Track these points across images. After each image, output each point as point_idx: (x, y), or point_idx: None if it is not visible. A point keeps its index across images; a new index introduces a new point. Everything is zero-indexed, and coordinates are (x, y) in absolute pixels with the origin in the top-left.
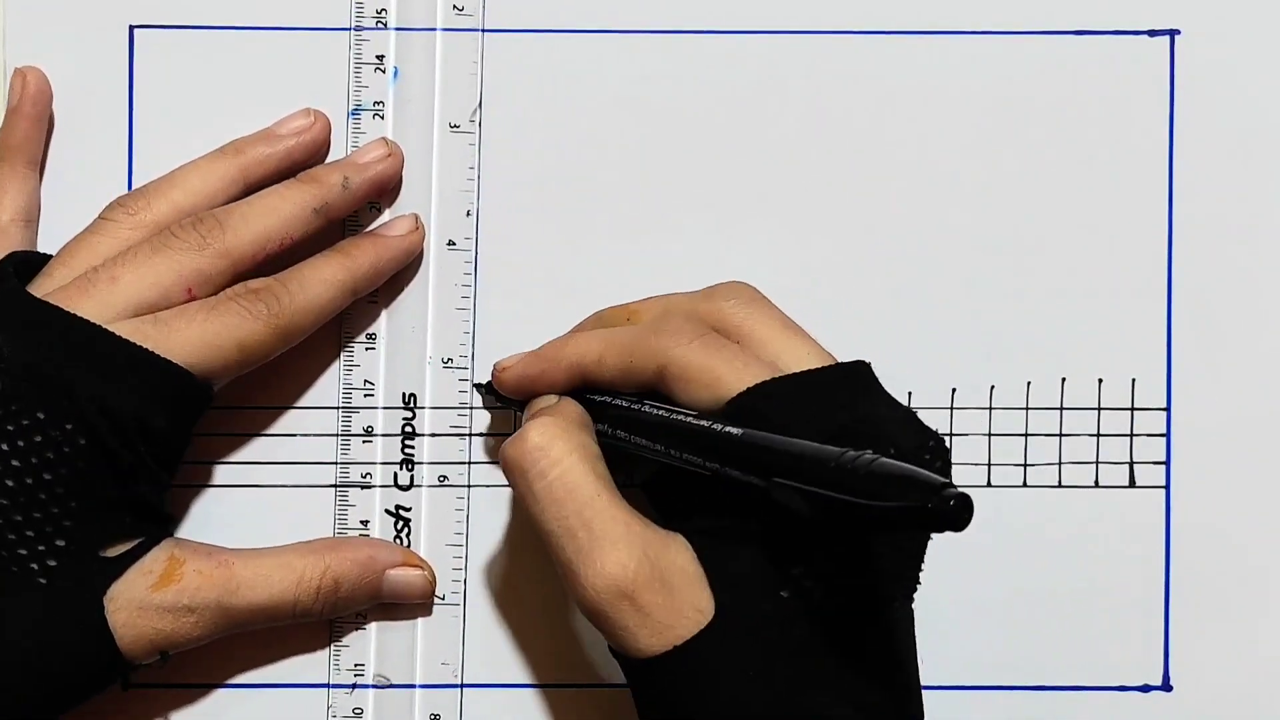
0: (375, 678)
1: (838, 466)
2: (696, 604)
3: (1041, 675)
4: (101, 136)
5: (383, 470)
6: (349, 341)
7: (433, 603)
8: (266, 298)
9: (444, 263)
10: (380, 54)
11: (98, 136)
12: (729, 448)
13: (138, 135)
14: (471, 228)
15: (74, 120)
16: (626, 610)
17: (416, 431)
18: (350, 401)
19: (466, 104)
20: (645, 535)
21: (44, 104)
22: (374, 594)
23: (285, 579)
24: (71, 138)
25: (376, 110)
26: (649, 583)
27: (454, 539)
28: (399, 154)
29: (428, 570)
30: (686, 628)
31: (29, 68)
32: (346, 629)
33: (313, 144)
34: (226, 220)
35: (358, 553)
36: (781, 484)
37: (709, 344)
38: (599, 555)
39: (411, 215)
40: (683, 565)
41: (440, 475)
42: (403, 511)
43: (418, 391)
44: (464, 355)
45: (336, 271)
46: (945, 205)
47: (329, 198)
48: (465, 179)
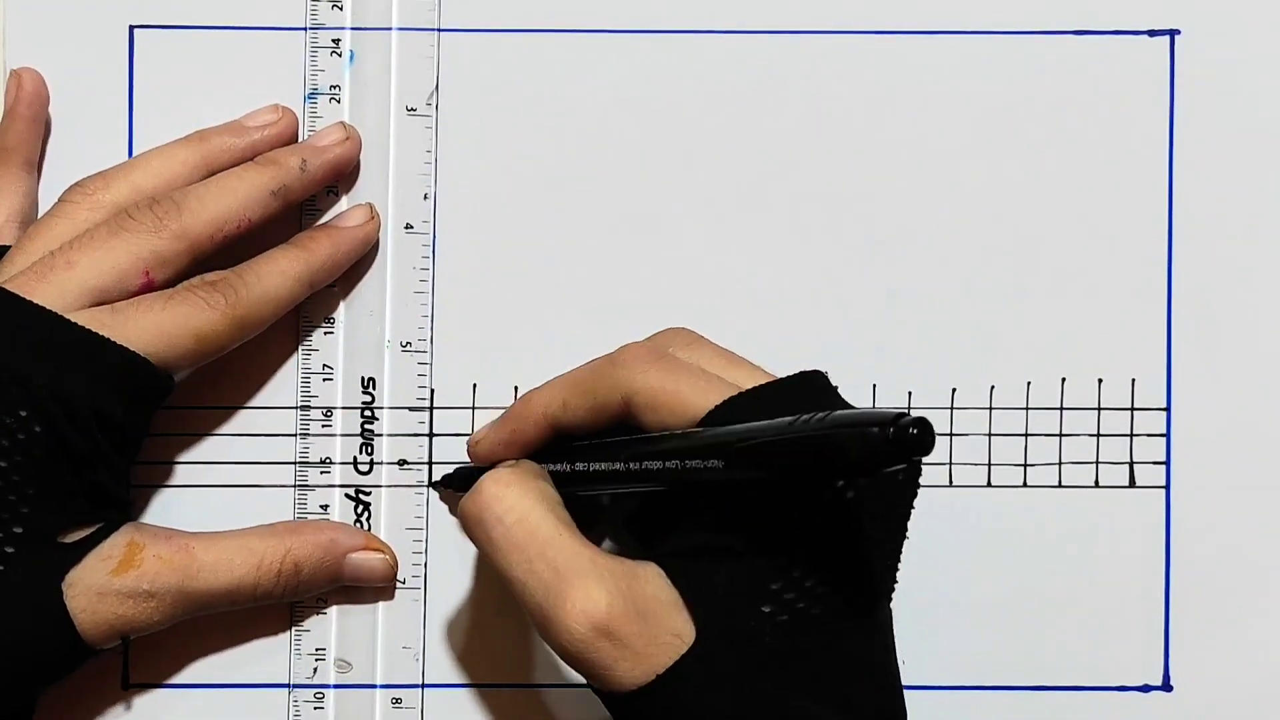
0: (336, 662)
1: (795, 426)
2: (674, 630)
3: (1041, 675)
4: (101, 136)
5: (342, 454)
6: (307, 326)
7: (394, 586)
8: (224, 289)
9: (402, 246)
10: (336, 38)
11: (98, 136)
12: (686, 444)
13: (138, 135)
14: (429, 211)
15: (74, 120)
16: (604, 647)
17: (376, 415)
18: (309, 386)
19: (423, 88)
20: (613, 568)
21: (40, 105)
22: (335, 577)
23: (246, 562)
24: (71, 138)
25: (333, 94)
26: (625, 615)
27: (414, 522)
28: (357, 137)
29: (389, 554)
30: (667, 655)
31: (25, 69)
32: (307, 613)
33: (277, 139)
34: (183, 201)
35: (319, 536)
36: (743, 450)
37: (669, 367)
38: (570, 594)
39: (367, 205)
40: (655, 593)
41: (400, 459)
42: (363, 495)
43: (376, 375)
44: (422, 339)
45: (293, 263)
46: (945, 205)
47: (287, 180)
48: (423, 162)
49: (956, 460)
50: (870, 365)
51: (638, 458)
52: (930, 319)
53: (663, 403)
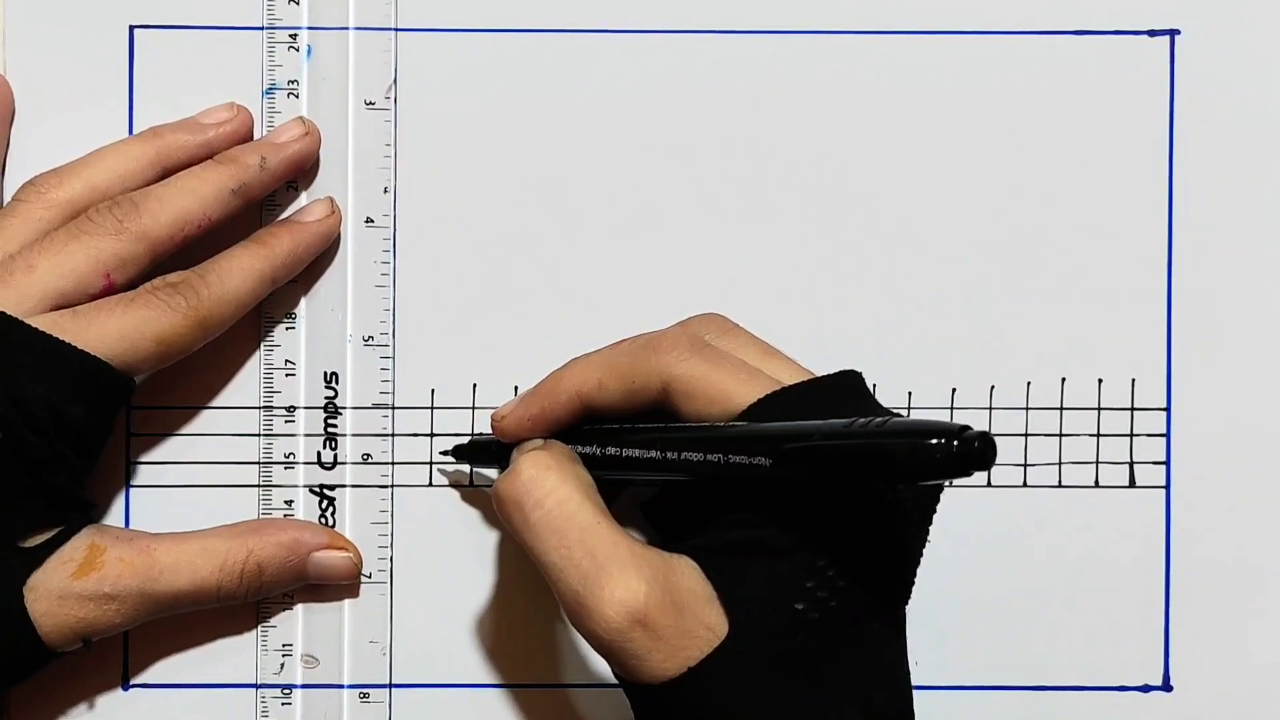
0: (303, 658)
1: (851, 430)
2: (708, 623)
3: (1041, 675)
4: (101, 136)
5: (306, 449)
6: (269, 321)
7: (359, 582)
8: (185, 290)
9: (362, 240)
10: (293, 32)
11: (98, 136)
12: (731, 437)
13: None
14: (389, 205)
15: (74, 120)
16: (639, 637)
17: (339, 410)
18: (271, 381)
19: (381, 81)
20: (650, 558)
21: (5, 109)
22: (299, 576)
23: (208, 564)
24: (72, 138)
25: (290, 89)
26: (661, 606)
27: (379, 516)
28: (316, 133)
29: (353, 552)
30: (699, 648)
31: None
32: (274, 609)
33: (232, 136)
34: (143, 203)
35: (282, 535)
36: (794, 450)
37: (710, 358)
38: (608, 582)
39: (327, 199)
40: (690, 585)
41: (364, 453)
42: (327, 490)
43: (339, 370)
44: (384, 332)
45: (254, 261)
46: (945, 205)
47: (246, 178)
48: (382, 156)
49: None
50: (870, 365)
51: (677, 447)
52: (930, 319)
53: (702, 392)
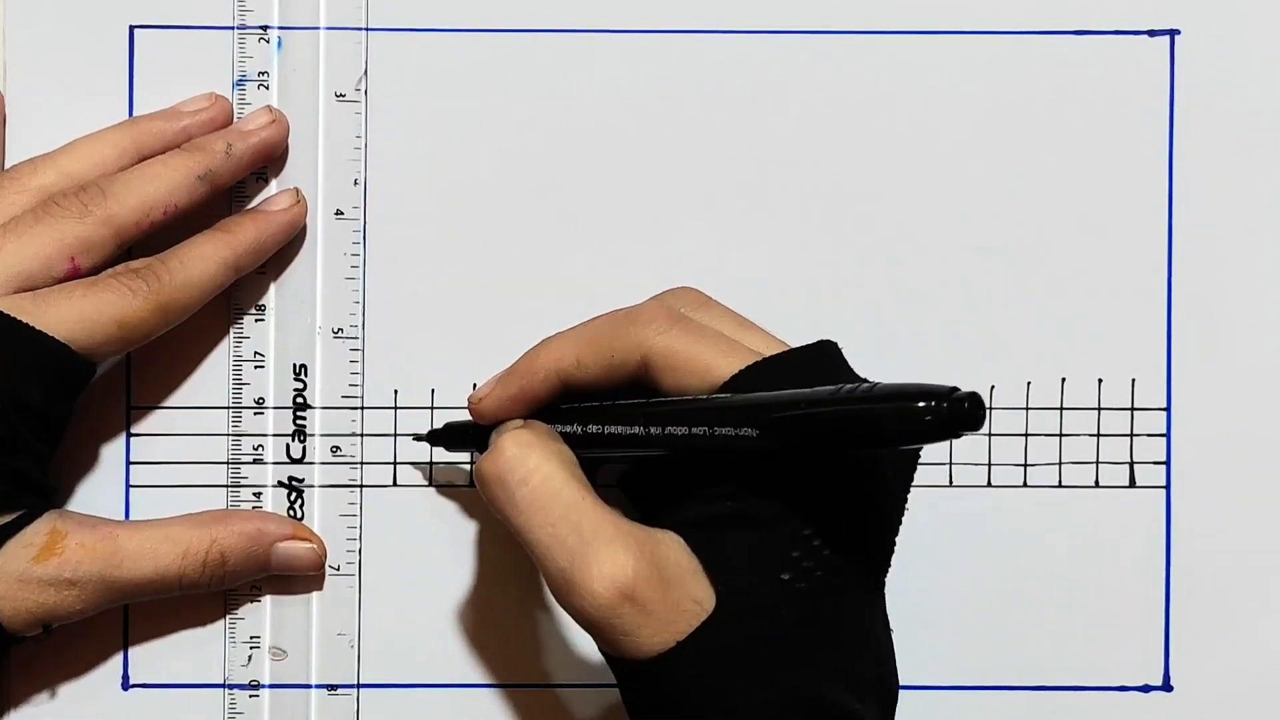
0: (271, 650)
1: (839, 396)
2: (695, 596)
3: (1041, 675)
4: None
5: (275, 442)
6: (238, 313)
7: (325, 574)
8: (147, 275)
9: (332, 232)
10: (264, 24)
11: None
12: (716, 409)
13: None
14: (359, 197)
15: (74, 120)
16: (628, 612)
17: (308, 402)
18: (240, 374)
19: (352, 73)
20: (636, 533)
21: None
22: (262, 567)
23: (170, 552)
24: (72, 137)
25: (261, 80)
26: (649, 581)
27: (348, 509)
28: (283, 121)
29: (317, 543)
30: (688, 621)
31: None
32: (241, 601)
33: (209, 124)
34: (109, 187)
35: (246, 525)
36: (782, 419)
37: (689, 330)
38: (595, 558)
39: (293, 189)
40: (677, 559)
41: (333, 446)
42: (295, 482)
43: (308, 362)
44: (354, 325)
45: (218, 248)
46: (945, 205)
47: (213, 164)
48: (352, 148)
49: (956, 460)
50: (870, 365)
51: (660, 421)
52: (930, 319)
53: (683, 365)
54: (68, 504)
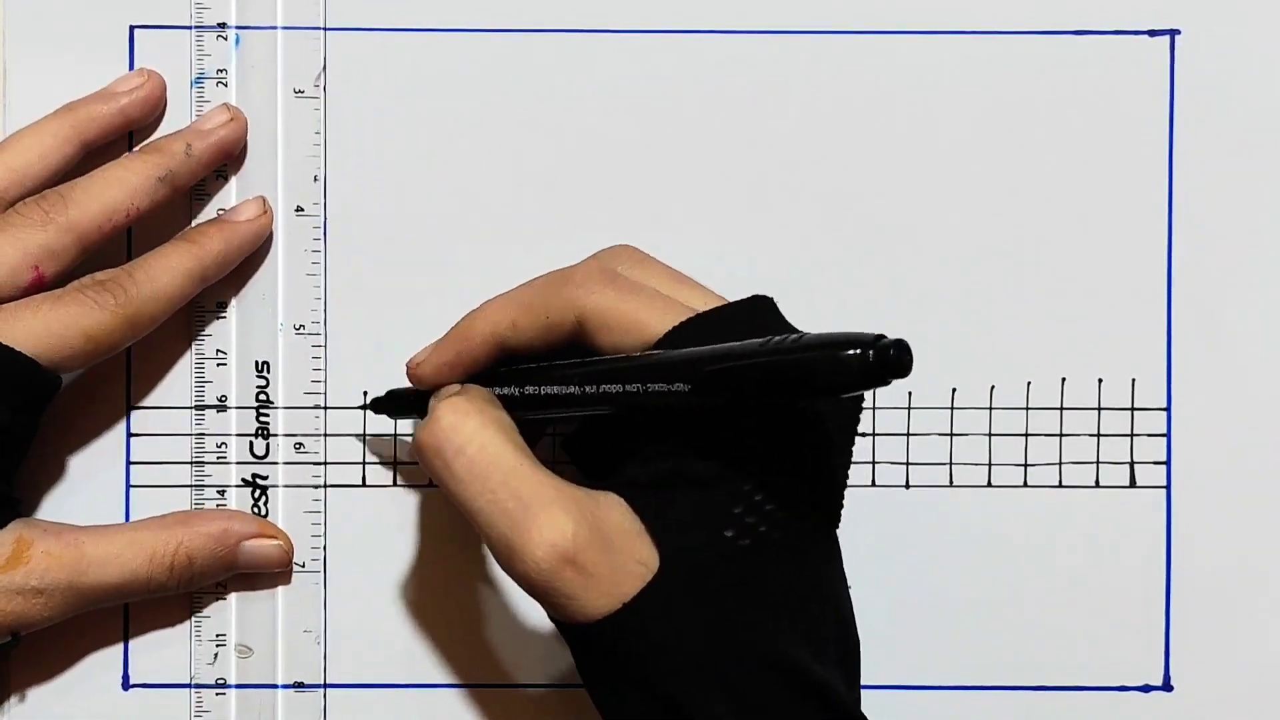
0: (237, 648)
1: (768, 348)
2: (639, 557)
3: (1041, 675)
4: None
5: (238, 439)
6: (200, 312)
7: (292, 571)
8: (113, 288)
9: (293, 229)
10: (222, 21)
11: None
12: (649, 365)
13: (137, 134)
14: (319, 193)
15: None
16: (570, 576)
17: (271, 399)
18: (203, 371)
19: (310, 69)
20: (577, 496)
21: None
22: (229, 566)
23: (137, 556)
24: None
25: (219, 78)
26: (590, 543)
27: (312, 505)
28: (242, 118)
29: (284, 540)
30: (632, 583)
31: None
32: (207, 599)
33: (146, 101)
34: (69, 194)
35: (211, 526)
36: (713, 372)
37: (624, 288)
38: (535, 523)
39: (259, 198)
40: (619, 520)
41: (296, 443)
42: (260, 480)
43: (270, 359)
44: (316, 321)
45: (185, 260)
46: (945, 205)
47: (172, 165)
48: (312, 144)
49: (956, 460)
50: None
51: (595, 380)
52: (930, 319)
53: (617, 323)
54: (67, 505)
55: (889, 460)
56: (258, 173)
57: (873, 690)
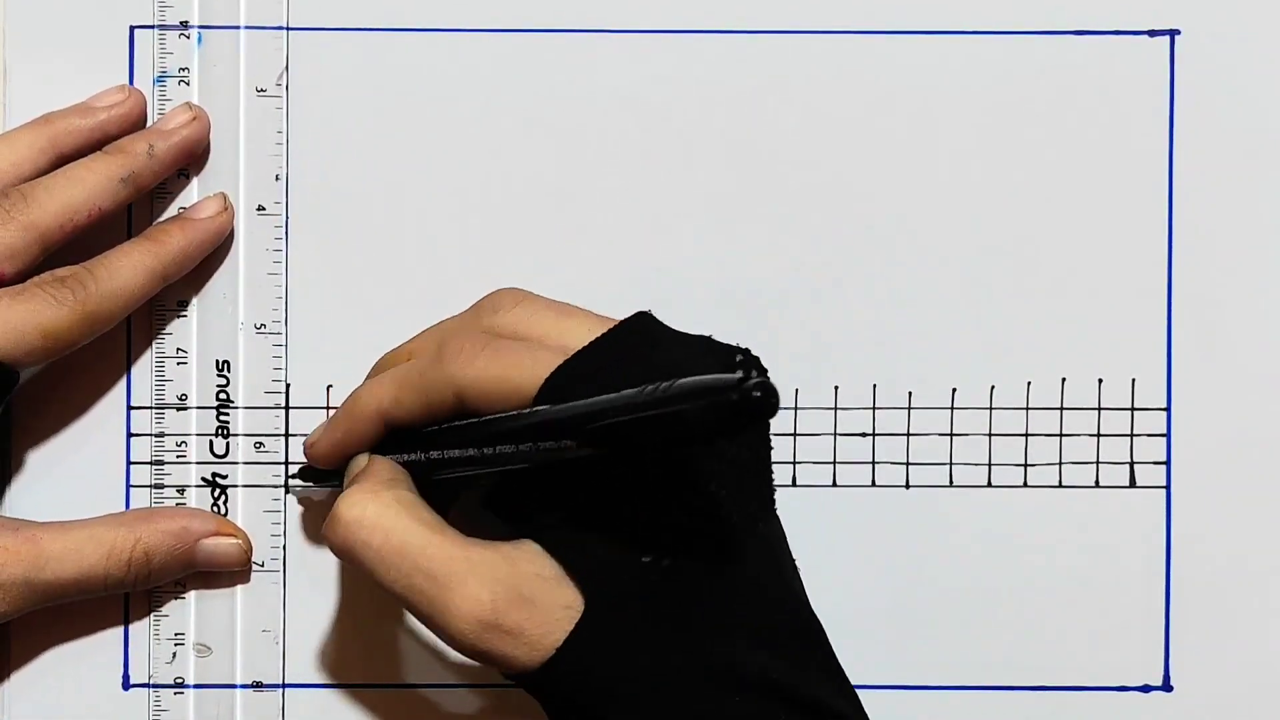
0: (195, 647)
1: (638, 401)
2: (563, 602)
3: (1041, 675)
4: None
5: (198, 438)
6: (160, 309)
7: (251, 570)
8: (72, 284)
9: (254, 228)
10: (184, 19)
11: None
12: (535, 425)
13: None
14: (281, 192)
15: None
16: (497, 638)
17: (231, 398)
18: (163, 370)
19: (272, 68)
20: (490, 560)
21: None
22: (188, 564)
23: (95, 553)
24: None
25: (181, 76)
26: (509, 604)
27: (272, 505)
28: (204, 118)
29: (242, 538)
30: (561, 629)
31: None
32: (165, 598)
33: (124, 118)
34: (30, 193)
35: (170, 523)
36: (596, 428)
37: (494, 352)
38: (451, 599)
39: (220, 195)
40: (537, 571)
41: (256, 442)
42: (219, 479)
43: (231, 358)
44: (277, 320)
45: (145, 257)
46: (945, 205)
47: (134, 166)
48: (274, 144)
49: (956, 460)
50: (870, 365)
51: (490, 441)
52: (930, 319)
53: (495, 390)
54: (68, 505)
55: (889, 460)
56: (220, 172)
57: (873, 690)
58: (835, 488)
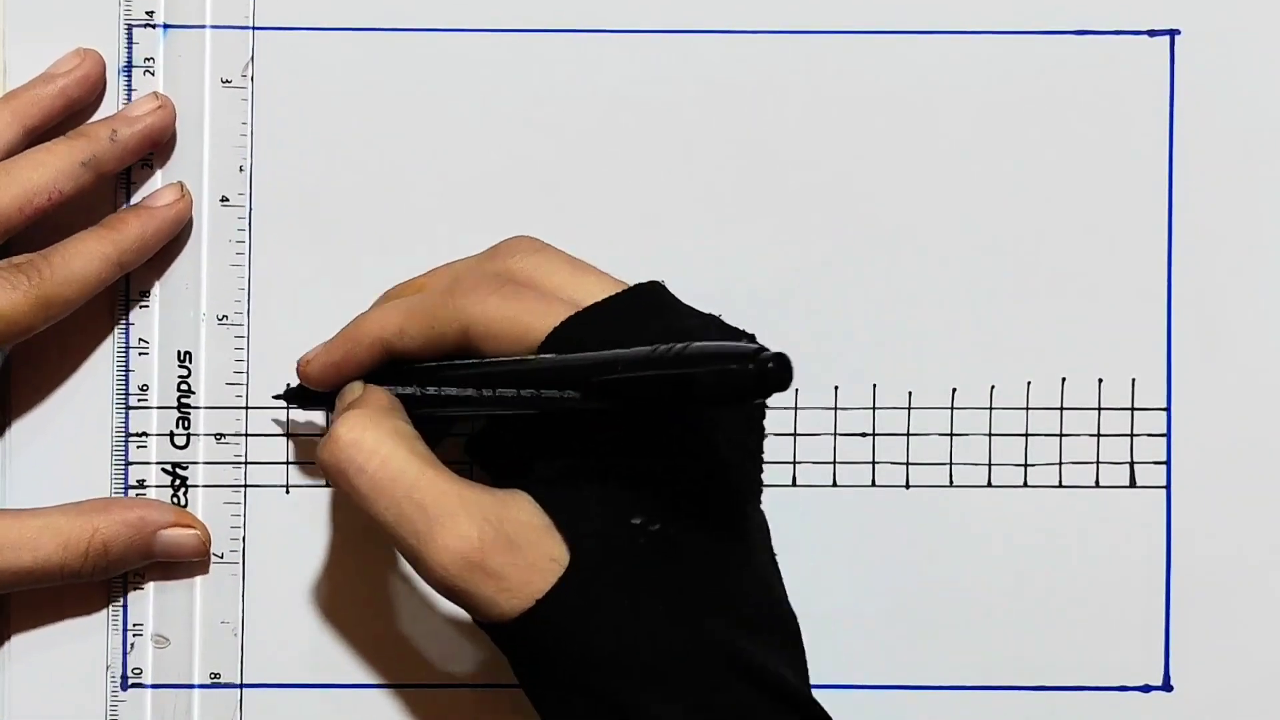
0: (154, 638)
1: (653, 358)
2: (549, 554)
3: (1041, 675)
4: None
5: (159, 429)
6: (123, 300)
7: (210, 561)
8: (28, 270)
9: (217, 219)
10: (150, 9)
11: None
12: (540, 370)
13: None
14: (245, 184)
15: (74, 120)
16: (480, 579)
17: (192, 389)
18: (125, 360)
19: (238, 59)
20: (481, 500)
21: None
22: (145, 555)
23: (51, 542)
24: None
25: (147, 67)
26: (495, 546)
27: (232, 496)
28: (170, 106)
29: (200, 529)
30: (545, 580)
31: None
32: (125, 589)
33: (85, 80)
34: None
35: (128, 514)
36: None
37: (508, 294)
38: (439, 533)
39: (177, 183)
40: (527, 519)
41: (217, 433)
42: (180, 470)
43: (193, 349)
44: (239, 312)
45: (102, 244)
46: (945, 205)
47: (96, 150)
48: (238, 135)
49: (956, 460)
50: (870, 365)
51: (491, 383)
52: (930, 319)
53: (503, 331)
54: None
55: (889, 460)
56: (184, 162)
57: (873, 690)
58: (835, 488)
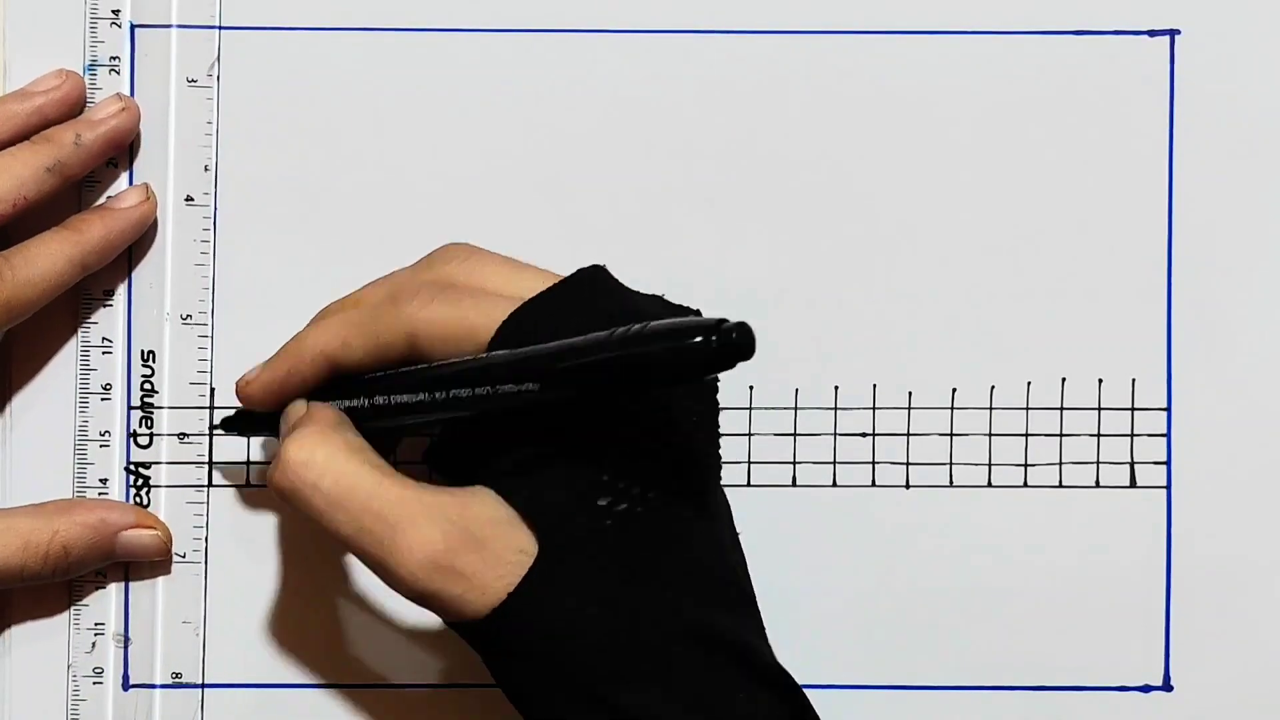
0: (115, 637)
1: (613, 339)
2: (517, 546)
3: (1041, 675)
4: None
5: (121, 428)
6: (87, 299)
7: (172, 560)
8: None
9: (182, 218)
10: (116, 8)
11: None
12: (494, 366)
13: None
14: (210, 183)
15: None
16: (449, 580)
17: (156, 389)
18: (88, 359)
19: (204, 59)
20: (441, 501)
21: None
22: (106, 556)
23: (10, 544)
24: None
25: (112, 66)
26: (461, 545)
27: (195, 496)
28: (134, 108)
29: (162, 530)
30: (514, 573)
31: None
32: (86, 588)
33: (62, 102)
34: None
35: (89, 516)
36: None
37: (450, 298)
38: (402, 539)
39: (143, 185)
40: (490, 514)
41: (180, 433)
42: (142, 469)
43: (156, 349)
44: (203, 311)
45: (64, 246)
46: (945, 205)
47: (61, 155)
48: (203, 134)
49: (956, 460)
50: (870, 365)
51: (444, 385)
52: (930, 319)
53: (450, 333)
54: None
55: (889, 460)
56: (149, 162)
57: (872, 690)
58: (835, 488)
